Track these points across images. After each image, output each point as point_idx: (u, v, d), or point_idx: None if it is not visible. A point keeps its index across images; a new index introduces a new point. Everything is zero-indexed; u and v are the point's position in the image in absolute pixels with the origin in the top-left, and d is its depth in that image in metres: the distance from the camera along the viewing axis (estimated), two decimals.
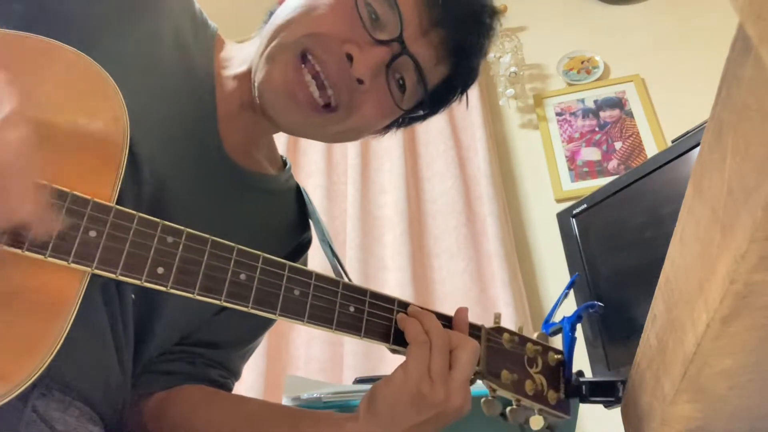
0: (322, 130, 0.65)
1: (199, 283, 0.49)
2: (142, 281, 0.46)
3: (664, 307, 0.42)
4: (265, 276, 0.52)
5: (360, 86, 0.60)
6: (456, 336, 0.58)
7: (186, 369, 0.68)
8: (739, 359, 0.34)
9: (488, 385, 0.63)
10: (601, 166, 1.90)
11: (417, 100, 0.66)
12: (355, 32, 0.59)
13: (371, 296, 0.59)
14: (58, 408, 0.53)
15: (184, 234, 0.49)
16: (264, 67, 0.61)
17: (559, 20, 2.27)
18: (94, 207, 0.45)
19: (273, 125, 0.67)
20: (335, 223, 1.92)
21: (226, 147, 0.65)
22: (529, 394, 0.64)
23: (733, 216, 0.27)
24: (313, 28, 0.59)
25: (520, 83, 2.09)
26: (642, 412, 0.53)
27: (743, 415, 0.44)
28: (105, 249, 0.45)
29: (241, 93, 0.65)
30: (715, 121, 0.29)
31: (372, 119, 0.65)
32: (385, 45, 0.60)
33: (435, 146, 1.98)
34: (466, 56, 0.66)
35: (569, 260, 1.03)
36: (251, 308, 0.51)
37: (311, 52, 0.59)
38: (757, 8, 0.21)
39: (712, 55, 1.75)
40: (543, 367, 0.67)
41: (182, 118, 0.61)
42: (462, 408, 0.56)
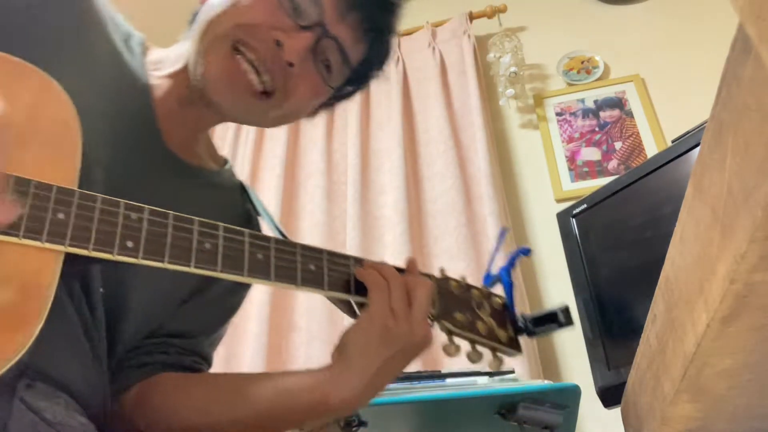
0: (263, 115, 0.70)
1: (168, 252, 0.52)
2: (114, 254, 0.49)
3: (664, 307, 0.42)
4: (228, 243, 0.56)
5: (291, 70, 0.65)
6: (411, 277, 0.66)
7: (160, 359, 0.71)
8: (739, 359, 0.34)
9: (445, 326, 0.68)
10: (601, 166, 1.90)
11: (343, 78, 0.73)
12: (280, 20, 0.65)
13: (328, 254, 0.64)
14: (44, 398, 0.54)
15: (146, 210, 0.52)
16: (201, 61, 0.65)
17: (559, 20, 2.27)
18: (58, 191, 0.48)
19: (216, 116, 0.71)
20: (335, 223, 1.92)
21: (169, 144, 0.69)
22: (482, 333, 0.70)
23: (733, 216, 0.27)
24: (241, 19, 0.64)
25: (520, 83, 2.09)
26: (642, 412, 0.53)
27: (743, 415, 0.44)
28: (75, 227, 0.48)
29: (178, 90, 0.69)
30: (715, 121, 0.29)
31: (306, 100, 0.71)
32: (309, 30, 0.65)
33: (435, 146, 1.98)
34: (380, 35, 0.73)
35: (569, 260, 1.03)
36: (221, 272, 0.55)
37: (243, 42, 0.64)
38: (757, 8, 0.21)
39: (712, 55, 1.75)
40: (490, 310, 0.74)
41: (123, 121, 0.65)
42: (424, 340, 0.62)
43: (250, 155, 2.16)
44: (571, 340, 1.64)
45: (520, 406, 0.69)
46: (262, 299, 1.75)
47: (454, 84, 2.13)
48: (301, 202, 2.05)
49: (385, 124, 2.11)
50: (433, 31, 2.28)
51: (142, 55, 0.71)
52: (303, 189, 2.07)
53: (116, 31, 0.69)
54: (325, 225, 1.89)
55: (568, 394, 0.70)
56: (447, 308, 0.69)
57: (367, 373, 0.60)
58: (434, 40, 2.25)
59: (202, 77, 0.65)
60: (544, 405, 0.70)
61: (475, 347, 0.70)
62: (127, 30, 0.72)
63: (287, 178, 2.07)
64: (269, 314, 1.72)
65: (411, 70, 2.23)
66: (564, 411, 0.70)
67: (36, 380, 0.54)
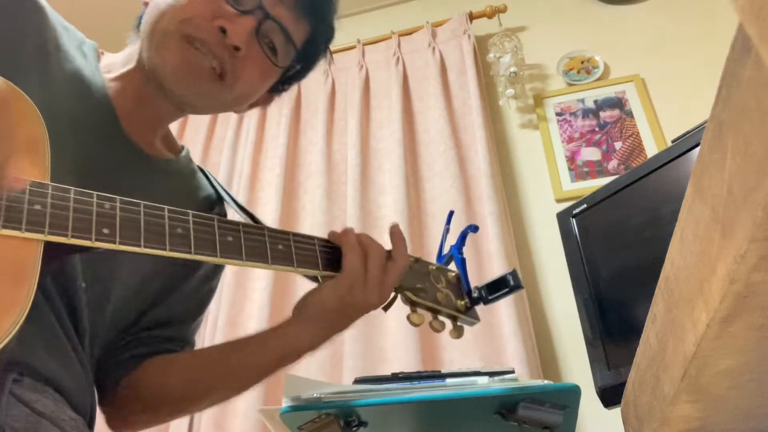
0: (217, 99, 0.73)
1: (143, 237, 0.54)
2: (92, 240, 0.51)
3: (664, 307, 0.42)
4: (198, 227, 0.59)
5: (238, 54, 0.69)
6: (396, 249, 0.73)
7: (144, 350, 0.76)
8: (739, 359, 0.34)
9: (408, 297, 0.74)
10: (601, 166, 1.90)
11: (290, 58, 0.76)
12: (220, 8, 0.68)
13: (294, 235, 0.69)
14: (34, 391, 0.55)
15: (117, 200, 0.55)
16: (156, 56, 0.69)
17: (559, 20, 2.27)
18: (32, 185, 0.50)
19: (173, 108, 0.75)
20: (335, 223, 1.92)
21: (132, 138, 0.72)
22: (442, 303, 0.76)
23: (733, 216, 0.27)
24: (184, 15, 0.68)
25: (520, 83, 2.09)
26: (642, 412, 0.53)
27: (743, 415, 0.44)
28: (53, 216, 0.50)
29: (133, 89, 0.72)
30: (715, 121, 0.29)
31: (255, 82, 0.74)
32: (249, 14, 0.69)
33: (435, 146, 1.98)
34: (320, 13, 0.77)
35: (569, 260, 1.03)
36: (195, 254, 0.57)
37: (190, 34, 0.67)
38: (757, 8, 0.21)
39: (712, 55, 1.75)
40: (446, 282, 0.80)
41: (86, 122, 0.68)
42: (380, 303, 0.72)
43: (250, 155, 2.16)
44: (571, 340, 1.64)
45: (520, 406, 0.69)
46: (262, 300, 1.75)
47: (454, 84, 2.13)
48: (301, 202, 2.05)
49: (385, 124, 2.11)
50: (433, 31, 2.28)
51: (95, 59, 0.74)
52: (303, 189, 2.07)
53: (69, 38, 0.72)
54: (325, 225, 1.89)
55: (568, 394, 0.70)
56: (408, 281, 0.75)
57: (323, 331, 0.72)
58: (434, 40, 2.25)
59: (159, 69, 0.69)
60: (544, 405, 0.70)
61: (437, 317, 0.77)
62: (80, 37, 0.75)
63: (287, 178, 2.07)
64: (269, 315, 1.72)
65: (411, 70, 2.23)
66: (564, 411, 0.70)
67: (24, 375, 0.55)
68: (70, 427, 0.58)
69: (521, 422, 0.70)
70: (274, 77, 0.77)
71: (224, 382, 0.76)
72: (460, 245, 0.84)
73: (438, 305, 0.76)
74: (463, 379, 0.74)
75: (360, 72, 2.26)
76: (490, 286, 0.79)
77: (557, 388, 0.69)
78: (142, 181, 0.73)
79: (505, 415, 0.71)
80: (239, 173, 2.15)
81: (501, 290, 0.78)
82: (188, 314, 0.82)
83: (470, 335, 1.57)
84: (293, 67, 0.79)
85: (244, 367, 0.75)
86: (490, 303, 0.80)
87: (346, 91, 2.26)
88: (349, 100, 2.20)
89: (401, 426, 0.81)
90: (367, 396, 0.72)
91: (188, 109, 0.78)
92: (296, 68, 0.80)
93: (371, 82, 2.25)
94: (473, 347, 1.55)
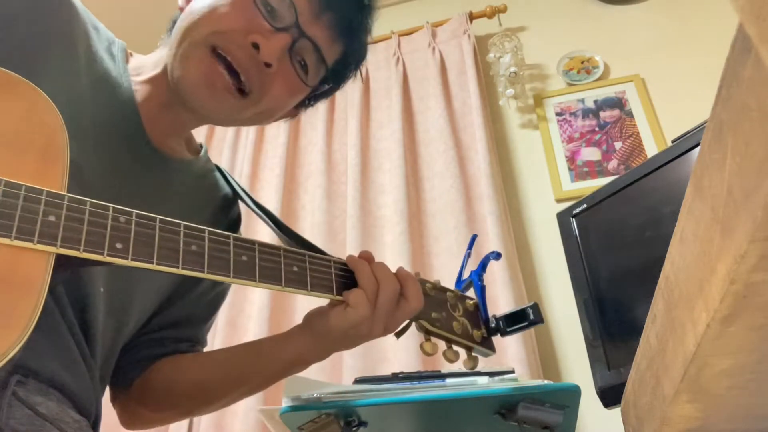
0: (239, 114, 0.71)
1: (156, 254, 0.54)
2: (104, 255, 0.50)
3: (664, 307, 0.42)
4: (213, 244, 0.58)
5: (268, 70, 0.68)
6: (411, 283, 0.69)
7: (156, 351, 0.77)
8: (739, 359, 0.34)
9: (422, 326, 0.72)
10: (601, 166, 1.90)
11: (320, 77, 0.75)
12: (256, 24, 0.67)
13: (310, 257, 0.66)
14: (38, 394, 0.55)
15: (134, 214, 0.54)
16: (180, 65, 0.67)
17: (559, 20, 2.27)
18: (48, 195, 0.49)
19: (195, 117, 0.74)
20: (335, 223, 1.92)
21: (155, 143, 0.72)
22: (458, 333, 0.74)
23: (733, 216, 0.27)
24: (218, 26, 0.66)
25: (520, 83, 2.09)
26: (642, 412, 0.53)
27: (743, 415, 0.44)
28: (66, 229, 0.49)
29: (158, 94, 0.71)
30: (715, 121, 0.29)
31: (282, 99, 0.73)
32: (285, 31, 0.68)
33: (435, 146, 1.98)
34: (355, 34, 0.75)
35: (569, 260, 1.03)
36: (207, 273, 0.56)
37: (220, 47, 0.66)
38: (757, 8, 0.21)
39: (712, 55, 1.75)
40: (463, 311, 0.77)
41: (110, 125, 0.67)
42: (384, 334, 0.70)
43: (250, 155, 2.16)
44: (571, 340, 1.64)
45: (520, 406, 0.68)
46: (262, 301, 1.75)
47: (454, 84, 2.13)
48: (301, 202, 2.05)
49: (385, 124, 2.11)
50: (433, 31, 2.28)
51: (124, 61, 0.73)
52: (303, 189, 2.08)
53: (99, 39, 0.71)
54: (325, 225, 1.89)
55: (568, 394, 0.70)
56: (424, 309, 0.71)
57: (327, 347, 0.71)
58: (434, 40, 2.25)
59: (180, 80, 0.68)
60: (544, 405, 0.70)
61: (452, 347, 0.74)
62: (110, 37, 0.74)
63: (287, 178, 2.07)
64: (269, 315, 1.72)
65: (411, 70, 2.23)
66: (564, 411, 0.70)
67: (28, 377, 0.55)
68: (74, 429, 0.57)
69: (521, 422, 0.70)
70: (302, 95, 0.76)
71: (236, 383, 0.76)
72: (481, 272, 0.81)
73: (454, 336, 0.73)
74: (463, 379, 0.74)
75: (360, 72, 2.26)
76: (509, 317, 0.77)
77: (557, 388, 0.69)
78: (164, 185, 0.73)
79: (505, 415, 0.71)
80: (239, 173, 2.15)
81: (520, 323, 0.75)
82: (199, 315, 0.82)
83: None
84: (322, 86, 0.78)
85: (254, 371, 0.75)
86: (507, 335, 0.77)
87: (346, 91, 2.25)
88: (349, 100, 2.20)
89: (401, 426, 0.81)
90: (367, 396, 0.72)
91: (210, 121, 0.77)
92: (325, 88, 0.79)
93: (371, 82, 2.25)
94: None
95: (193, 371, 0.77)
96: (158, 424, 0.81)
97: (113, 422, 0.79)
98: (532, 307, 0.75)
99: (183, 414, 0.81)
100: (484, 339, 0.76)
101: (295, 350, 0.72)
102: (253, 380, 0.76)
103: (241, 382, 0.76)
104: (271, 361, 0.74)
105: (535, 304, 0.75)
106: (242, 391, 0.77)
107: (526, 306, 0.76)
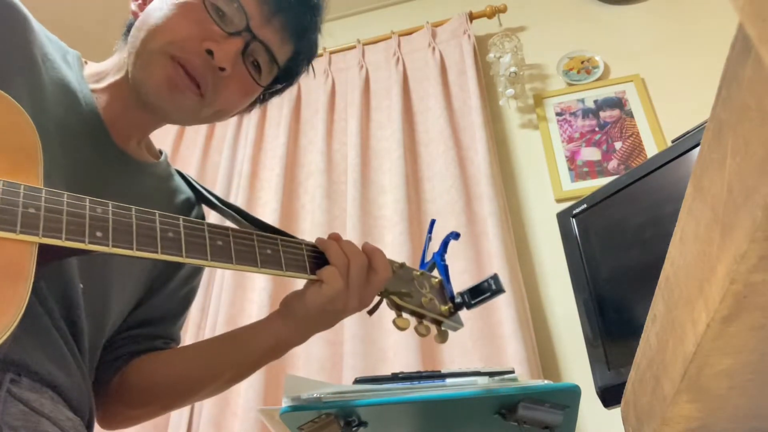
0: (197, 114, 0.74)
1: (135, 240, 0.55)
2: (86, 243, 0.52)
3: (664, 307, 0.42)
4: (189, 231, 0.60)
5: (223, 73, 0.71)
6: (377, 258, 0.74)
7: (132, 349, 0.78)
8: (739, 359, 0.34)
9: (394, 301, 0.76)
10: (601, 166, 1.90)
11: (272, 76, 0.78)
12: (208, 30, 0.70)
13: (282, 240, 0.70)
14: (32, 391, 0.56)
15: (110, 204, 0.56)
16: (142, 71, 0.70)
17: (559, 20, 2.27)
18: (26, 188, 0.51)
19: (155, 119, 0.77)
20: (335, 223, 1.92)
21: (120, 145, 0.75)
22: (427, 307, 0.78)
23: (733, 216, 0.27)
24: (173, 36, 0.69)
25: (520, 83, 2.09)
26: (642, 412, 0.53)
27: (743, 415, 0.44)
28: (47, 219, 0.50)
29: (121, 98, 0.74)
30: (715, 121, 0.29)
31: (236, 99, 0.76)
32: (237, 36, 0.71)
33: (435, 146, 1.98)
34: (305, 34, 0.78)
35: (569, 260, 1.03)
36: (186, 257, 0.58)
37: (176, 56, 0.69)
38: (757, 8, 0.21)
39: (712, 55, 1.75)
40: (430, 288, 0.82)
41: (75, 129, 0.69)
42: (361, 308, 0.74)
43: (250, 155, 2.16)
44: (571, 340, 1.64)
45: (520, 406, 0.69)
46: (261, 300, 1.75)
47: (454, 84, 2.13)
48: (301, 201, 2.05)
49: (385, 124, 2.11)
50: (433, 31, 2.28)
51: (80, 69, 0.76)
52: (303, 189, 2.08)
53: (54, 49, 0.73)
54: (325, 225, 1.89)
55: (568, 394, 0.70)
56: (393, 286, 0.77)
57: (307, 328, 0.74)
58: (434, 40, 2.25)
59: (143, 82, 0.70)
60: (544, 405, 0.70)
61: (422, 321, 0.78)
62: (63, 47, 0.77)
63: (287, 178, 2.07)
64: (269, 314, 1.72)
65: (411, 70, 2.23)
66: (564, 411, 0.70)
67: (22, 375, 0.56)
68: (69, 427, 0.58)
69: (521, 422, 0.70)
70: (256, 94, 0.79)
71: (213, 375, 0.78)
72: (443, 252, 0.86)
73: (423, 309, 0.78)
74: (463, 379, 0.74)
75: (360, 72, 2.26)
76: (472, 291, 0.81)
77: (557, 388, 0.69)
78: (130, 184, 0.75)
79: (505, 415, 0.71)
80: (239, 173, 2.15)
81: (483, 294, 0.80)
82: (172, 313, 0.84)
83: (470, 335, 1.57)
84: (274, 84, 0.82)
85: (233, 360, 0.77)
86: (473, 307, 0.82)
87: (346, 91, 2.26)
88: (349, 100, 2.20)
89: (401, 426, 0.81)
90: (367, 396, 0.72)
91: (170, 121, 0.79)
92: (277, 87, 0.83)
93: (371, 82, 2.25)
94: (473, 347, 1.55)
95: (170, 367, 0.79)
96: (138, 422, 0.82)
97: None
98: (492, 277, 0.80)
99: (163, 409, 0.83)
100: (452, 313, 0.81)
101: (273, 336, 0.75)
102: (230, 371, 0.78)
103: (219, 374, 0.78)
104: (249, 350, 0.76)
105: (495, 275, 0.80)
106: (221, 383, 0.79)
107: (487, 278, 0.80)
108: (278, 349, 0.76)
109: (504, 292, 0.80)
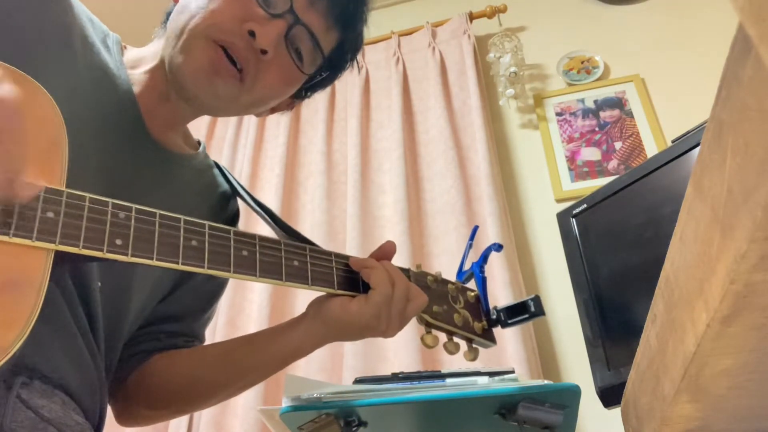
0: (236, 101, 0.71)
1: (156, 250, 0.53)
2: (104, 252, 0.50)
3: (664, 307, 0.42)
4: (213, 240, 0.58)
5: (264, 57, 0.68)
6: (414, 287, 0.70)
7: (152, 345, 0.77)
8: (739, 359, 0.34)
9: (424, 319, 0.72)
10: (601, 166, 1.90)
11: (317, 65, 0.75)
12: (251, 11, 0.67)
13: (311, 251, 0.66)
14: (42, 396, 0.55)
15: (133, 209, 0.53)
16: (180, 55, 0.68)
17: (559, 20, 2.27)
18: (47, 191, 0.49)
19: (192, 109, 0.74)
20: (335, 223, 1.92)
21: (154, 135, 0.72)
22: (458, 325, 0.74)
23: (733, 216, 0.27)
24: (214, 19, 0.67)
25: (520, 83, 2.09)
26: (642, 412, 0.53)
27: (743, 415, 0.44)
28: (65, 225, 0.48)
29: (156, 85, 0.72)
30: (715, 121, 0.29)
31: (277, 86, 0.73)
32: (280, 18, 0.68)
33: (435, 146, 1.98)
34: (350, 22, 0.75)
35: (569, 260, 1.03)
36: (207, 268, 0.56)
37: (218, 39, 0.67)
38: (757, 8, 0.21)
39: (712, 55, 1.75)
40: (464, 303, 0.77)
41: (110, 117, 0.67)
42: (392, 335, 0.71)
43: (250, 155, 2.16)
44: (571, 340, 1.64)
45: (520, 406, 0.68)
46: (262, 301, 1.75)
47: (454, 84, 2.13)
48: (301, 201, 2.05)
49: (385, 124, 2.11)
50: (433, 31, 2.28)
51: (119, 53, 0.73)
52: (303, 189, 2.07)
53: (94, 31, 0.71)
54: (325, 225, 1.89)
55: (568, 394, 0.70)
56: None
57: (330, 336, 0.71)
58: (434, 40, 2.25)
59: (181, 67, 0.68)
60: (544, 405, 0.69)
61: (452, 338, 0.74)
62: (104, 30, 0.74)
63: (287, 178, 2.07)
64: (269, 315, 1.72)
65: (411, 70, 2.23)
66: (564, 411, 0.70)
67: (33, 378, 0.55)
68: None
69: (521, 422, 0.70)
70: (298, 83, 0.76)
71: (229, 379, 0.76)
72: (482, 264, 0.81)
73: (454, 328, 0.74)
74: (463, 379, 0.74)
75: (360, 72, 2.26)
76: (510, 309, 0.77)
77: (557, 388, 0.69)
78: (164, 178, 0.73)
79: (505, 415, 0.71)
80: (239, 173, 2.15)
81: (521, 315, 0.76)
82: (195, 309, 0.82)
83: None
84: (319, 74, 0.78)
85: (250, 365, 0.75)
86: (507, 327, 0.77)
87: (346, 91, 2.26)
88: (349, 100, 2.20)
89: (401, 426, 0.81)
90: (367, 396, 0.72)
91: (206, 111, 0.77)
92: (322, 76, 0.79)
93: (371, 82, 2.25)
94: None
95: (188, 366, 0.77)
96: (153, 422, 0.81)
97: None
98: (533, 299, 0.75)
99: (178, 412, 0.81)
100: (485, 331, 0.77)
101: (295, 339, 0.72)
102: (249, 373, 0.76)
103: (237, 376, 0.76)
104: (269, 351, 0.74)
105: (537, 297, 0.76)
106: (239, 386, 0.77)
107: (528, 298, 0.76)
108: (294, 356, 0.74)
109: (544, 315, 0.76)
